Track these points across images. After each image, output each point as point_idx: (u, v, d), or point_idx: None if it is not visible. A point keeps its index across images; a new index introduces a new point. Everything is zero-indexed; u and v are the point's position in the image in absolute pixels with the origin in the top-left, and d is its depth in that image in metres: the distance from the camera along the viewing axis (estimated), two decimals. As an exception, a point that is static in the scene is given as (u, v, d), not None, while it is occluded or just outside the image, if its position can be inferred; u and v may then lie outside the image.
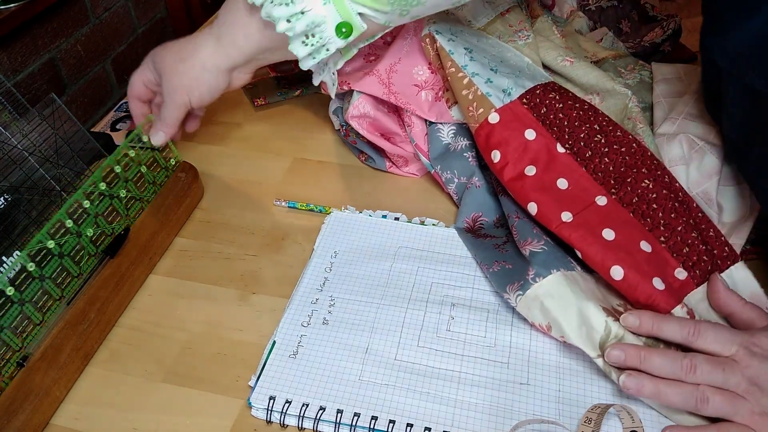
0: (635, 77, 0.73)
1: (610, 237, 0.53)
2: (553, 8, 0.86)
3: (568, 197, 0.56)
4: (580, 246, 0.53)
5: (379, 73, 0.67)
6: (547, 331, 0.52)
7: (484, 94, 0.62)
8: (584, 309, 0.50)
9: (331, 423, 0.48)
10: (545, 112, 0.61)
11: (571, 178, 0.58)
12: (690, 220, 0.54)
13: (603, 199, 0.56)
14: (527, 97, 0.62)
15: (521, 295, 0.53)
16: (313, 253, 0.63)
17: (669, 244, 0.53)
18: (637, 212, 0.55)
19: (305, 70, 0.58)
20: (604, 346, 0.49)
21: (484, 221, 0.64)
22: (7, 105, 0.56)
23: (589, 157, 0.58)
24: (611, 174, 0.57)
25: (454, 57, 0.64)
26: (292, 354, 0.53)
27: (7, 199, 0.55)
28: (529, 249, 0.55)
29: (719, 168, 0.60)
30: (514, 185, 0.59)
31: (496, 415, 0.49)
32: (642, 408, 0.49)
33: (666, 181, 0.56)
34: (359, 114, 0.68)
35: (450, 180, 0.67)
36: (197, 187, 0.70)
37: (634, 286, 0.51)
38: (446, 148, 0.68)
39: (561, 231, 0.55)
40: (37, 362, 0.51)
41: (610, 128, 0.60)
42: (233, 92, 0.89)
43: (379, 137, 0.69)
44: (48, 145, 0.59)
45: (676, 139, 0.62)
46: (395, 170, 0.73)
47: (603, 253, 0.52)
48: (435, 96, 0.68)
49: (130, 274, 0.59)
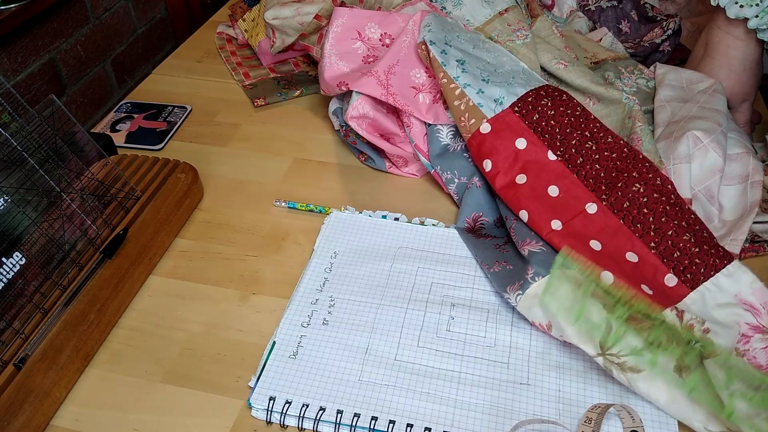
0: (632, 86, 0.73)
1: (597, 248, 0.55)
2: (553, 8, 0.86)
3: (558, 205, 0.57)
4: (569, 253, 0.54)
5: (378, 75, 0.67)
6: (548, 330, 0.52)
7: (475, 104, 0.63)
8: (584, 307, 0.50)
9: (331, 423, 0.48)
10: (537, 119, 0.62)
11: (562, 185, 0.58)
12: (683, 222, 0.54)
13: (593, 206, 0.57)
14: (518, 105, 0.63)
15: (521, 294, 0.53)
16: (313, 254, 0.63)
17: (659, 249, 0.53)
18: (627, 218, 0.55)
19: (303, 72, 0.58)
20: (604, 345, 0.49)
21: (484, 221, 0.64)
22: (7, 106, 0.56)
23: (581, 163, 0.59)
24: (602, 180, 0.58)
25: (446, 69, 0.65)
26: (292, 354, 0.53)
27: (7, 199, 0.55)
28: (528, 249, 0.56)
29: (722, 166, 0.60)
30: (506, 193, 0.60)
31: (496, 415, 0.49)
32: (641, 408, 0.49)
33: (658, 183, 0.56)
34: (358, 114, 0.68)
35: (450, 180, 0.67)
36: (197, 188, 0.70)
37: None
38: (445, 149, 0.68)
39: (551, 239, 0.56)
40: (37, 363, 0.51)
41: (601, 135, 0.60)
42: (233, 93, 0.89)
43: (379, 138, 0.69)
44: (48, 146, 0.59)
45: (684, 137, 0.62)
46: (395, 170, 0.73)
47: (593, 261, 0.54)
48: (433, 98, 0.69)
49: (130, 275, 0.59)
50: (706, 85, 0.70)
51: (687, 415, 0.47)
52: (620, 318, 0.49)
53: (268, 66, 0.92)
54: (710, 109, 0.66)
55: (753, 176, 0.62)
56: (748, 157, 0.62)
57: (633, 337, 0.49)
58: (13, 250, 0.54)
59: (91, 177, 0.63)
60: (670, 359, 0.48)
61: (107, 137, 0.77)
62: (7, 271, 0.53)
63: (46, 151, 0.59)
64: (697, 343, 0.48)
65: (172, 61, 0.98)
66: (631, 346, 0.49)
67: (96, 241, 0.60)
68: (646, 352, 0.48)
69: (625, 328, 0.49)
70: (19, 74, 1.09)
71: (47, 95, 0.61)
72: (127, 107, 0.86)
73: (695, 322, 0.50)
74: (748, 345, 0.50)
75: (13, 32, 1.04)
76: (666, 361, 0.48)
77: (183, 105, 0.86)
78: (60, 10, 1.16)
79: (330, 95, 0.76)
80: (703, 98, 0.68)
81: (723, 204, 0.60)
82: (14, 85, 1.06)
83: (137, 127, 0.82)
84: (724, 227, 0.59)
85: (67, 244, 0.58)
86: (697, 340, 0.49)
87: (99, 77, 1.29)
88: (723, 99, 0.68)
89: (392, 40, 0.72)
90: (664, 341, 0.50)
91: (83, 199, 0.61)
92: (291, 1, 0.84)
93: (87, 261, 0.59)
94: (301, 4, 0.83)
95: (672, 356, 0.48)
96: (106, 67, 1.31)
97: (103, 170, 0.64)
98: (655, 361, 0.48)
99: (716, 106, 0.66)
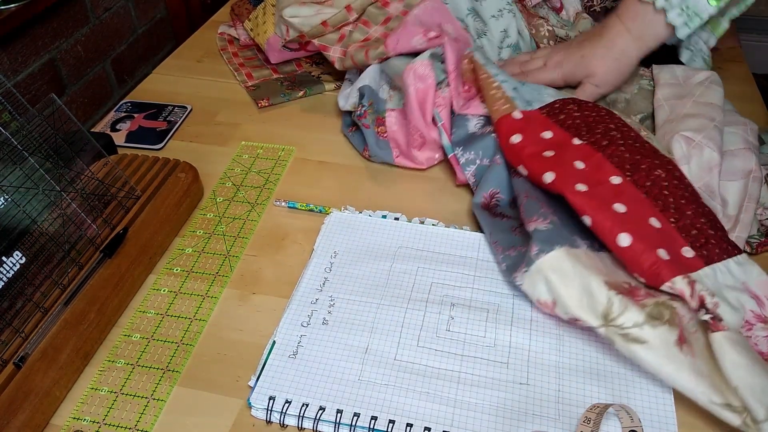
0: (634, 87, 0.74)
1: (621, 210, 0.55)
2: (561, 11, 0.87)
3: (583, 174, 0.58)
4: (591, 212, 0.55)
5: (458, 51, 0.72)
6: (552, 309, 0.53)
7: (510, 96, 0.67)
8: (587, 283, 0.51)
9: (330, 423, 0.48)
10: (563, 118, 0.65)
11: (588, 162, 0.60)
12: (699, 209, 0.57)
13: (618, 178, 0.58)
14: (546, 108, 0.67)
15: (527, 271, 0.54)
16: (313, 253, 0.63)
17: (678, 225, 0.55)
18: (650, 194, 0.57)
19: (306, 73, 0.58)
20: (607, 317, 0.50)
21: (500, 198, 0.65)
22: (8, 105, 0.56)
23: (606, 145, 0.61)
24: (627, 159, 0.60)
25: (487, 68, 0.70)
26: (291, 354, 0.54)
27: (8, 198, 0.55)
28: (534, 226, 0.56)
29: (718, 161, 0.61)
30: (532, 161, 0.61)
31: (496, 415, 0.49)
32: (641, 409, 0.49)
33: (677, 175, 0.59)
34: (422, 74, 0.69)
35: (471, 161, 0.68)
36: (197, 187, 0.70)
37: (639, 253, 0.52)
38: (471, 135, 0.70)
39: (574, 197, 0.56)
40: (37, 362, 0.51)
41: (625, 129, 0.63)
42: (233, 93, 0.89)
43: (417, 106, 0.70)
44: (48, 145, 0.59)
45: (674, 140, 0.63)
46: (402, 161, 0.73)
47: (612, 221, 0.54)
48: (464, 103, 0.73)
49: (129, 275, 0.59)
50: (703, 77, 0.70)
51: (690, 386, 0.47)
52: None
53: (272, 67, 0.92)
54: (704, 104, 0.66)
55: (755, 171, 0.62)
56: (749, 153, 0.63)
57: (635, 312, 0.49)
58: (13, 249, 0.54)
59: (91, 176, 0.63)
60: (671, 333, 0.49)
61: (107, 137, 0.77)
62: (7, 270, 0.53)
63: (46, 150, 0.59)
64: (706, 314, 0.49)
65: (172, 60, 0.98)
66: (633, 320, 0.49)
67: (96, 241, 0.60)
68: (647, 325, 0.49)
69: (627, 303, 0.50)
70: (19, 74, 1.09)
71: (47, 95, 0.61)
72: (128, 107, 0.86)
73: (706, 294, 0.50)
74: (751, 332, 0.51)
75: (13, 32, 1.04)
76: (667, 334, 0.48)
77: (183, 105, 0.86)
78: (60, 10, 1.16)
79: (368, 62, 0.76)
80: (699, 91, 0.68)
81: (727, 199, 0.61)
82: (14, 85, 1.06)
83: (137, 127, 0.82)
84: (729, 222, 0.60)
85: (67, 243, 0.58)
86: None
87: (99, 77, 1.29)
88: (719, 90, 0.68)
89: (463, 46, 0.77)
90: (667, 315, 0.50)
91: (83, 198, 0.61)
92: (310, 2, 0.83)
93: (87, 260, 0.59)
94: (322, 6, 0.82)
95: (673, 330, 0.49)
96: (106, 67, 1.31)
97: (104, 169, 0.64)
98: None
99: (711, 100, 0.67)
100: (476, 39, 0.80)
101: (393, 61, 0.74)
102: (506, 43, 0.82)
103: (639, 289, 0.52)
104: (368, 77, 0.76)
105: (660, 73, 0.74)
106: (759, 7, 1.91)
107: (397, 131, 0.72)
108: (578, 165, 0.59)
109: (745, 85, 0.84)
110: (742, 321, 0.51)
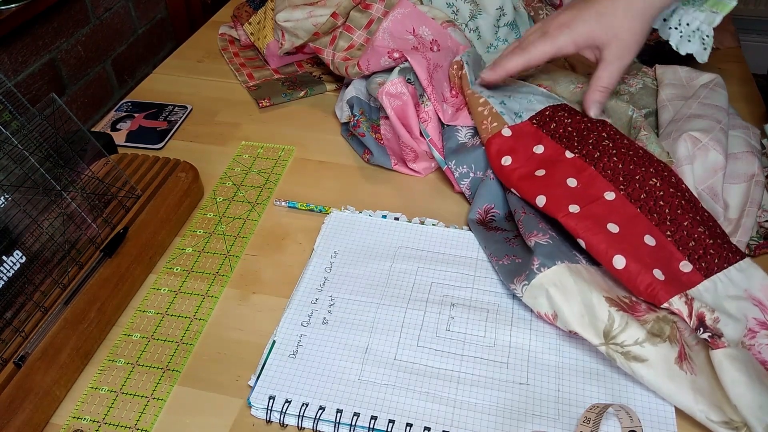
0: (638, 83, 0.74)
1: (614, 230, 0.55)
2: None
3: (577, 192, 0.58)
4: (585, 235, 0.55)
5: (428, 61, 0.70)
6: (553, 321, 0.53)
7: (498, 112, 0.67)
8: (588, 299, 0.51)
9: (330, 423, 0.48)
10: (554, 127, 0.65)
11: (580, 177, 0.59)
12: (697, 216, 0.56)
13: (611, 194, 0.58)
14: (537, 118, 0.66)
15: (527, 285, 0.54)
16: (313, 253, 0.63)
17: (675, 237, 0.55)
18: (645, 207, 0.56)
19: (307, 73, 0.58)
20: (608, 335, 0.50)
21: (495, 213, 0.65)
22: (8, 105, 0.56)
23: (598, 157, 0.61)
24: (620, 171, 0.59)
25: (473, 87, 0.70)
26: (291, 354, 0.54)
27: (8, 198, 0.55)
28: (535, 240, 0.56)
29: (723, 164, 0.61)
30: (524, 184, 0.61)
31: (496, 415, 0.49)
32: (640, 409, 0.49)
33: (673, 181, 0.58)
34: (395, 92, 0.69)
35: (464, 175, 0.68)
36: (197, 187, 0.70)
37: (635, 275, 0.52)
38: (462, 146, 0.69)
39: (567, 221, 0.56)
40: (37, 362, 0.51)
41: (617, 137, 0.62)
42: (234, 93, 0.89)
43: (400, 125, 0.70)
44: (48, 145, 0.59)
45: (681, 139, 0.63)
46: (400, 168, 0.73)
47: (606, 243, 0.54)
48: (454, 111, 0.72)
49: (130, 274, 0.59)
50: (707, 79, 0.70)
51: (689, 404, 0.47)
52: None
53: (273, 68, 0.92)
54: (710, 106, 0.66)
55: (757, 175, 0.62)
56: (752, 156, 0.63)
57: (636, 329, 0.49)
58: (14, 249, 0.54)
59: (92, 176, 0.63)
60: (672, 350, 0.49)
61: (108, 136, 0.77)
62: (8, 269, 0.53)
63: (46, 149, 0.59)
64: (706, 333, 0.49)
65: (173, 60, 0.98)
66: (634, 337, 0.49)
67: (96, 240, 0.60)
68: (648, 343, 0.49)
69: (628, 319, 0.50)
70: (20, 74, 1.09)
71: (48, 95, 0.61)
72: (128, 106, 0.86)
73: (705, 311, 0.50)
74: (754, 340, 0.51)
75: (13, 32, 1.04)
76: (667, 352, 0.49)
77: (183, 104, 0.86)
78: (60, 9, 1.16)
79: (351, 78, 0.77)
80: (704, 93, 0.68)
81: (729, 202, 0.61)
82: (15, 85, 1.06)
83: (138, 126, 0.82)
84: (730, 225, 0.60)
85: (68, 242, 0.58)
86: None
87: (99, 77, 1.29)
88: (724, 94, 0.68)
89: (440, 48, 0.76)
90: (667, 332, 0.50)
91: (83, 197, 0.61)
92: (303, 4, 0.84)
93: (87, 259, 0.59)
94: (314, 7, 0.83)
95: (673, 347, 0.49)
96: (107, 67, 1.31)
97: (104, 169, 0.64)
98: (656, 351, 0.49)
99: (716, 102, 0.67)
100: (469, 21, 0.79)
101: (372, 78, 0.74)
102: (503, 22, 0.81)
103: (639, 305, 0.53)
104: (354, 89, 0.76)
105: (663, 74, 0.73)
106: (759, 7, 1.91)
107: (391, 140, 0.72)
108: (570, 183, 0.59)
109: (745, 85, 0.84)
110: (745, 330, 0.51)
